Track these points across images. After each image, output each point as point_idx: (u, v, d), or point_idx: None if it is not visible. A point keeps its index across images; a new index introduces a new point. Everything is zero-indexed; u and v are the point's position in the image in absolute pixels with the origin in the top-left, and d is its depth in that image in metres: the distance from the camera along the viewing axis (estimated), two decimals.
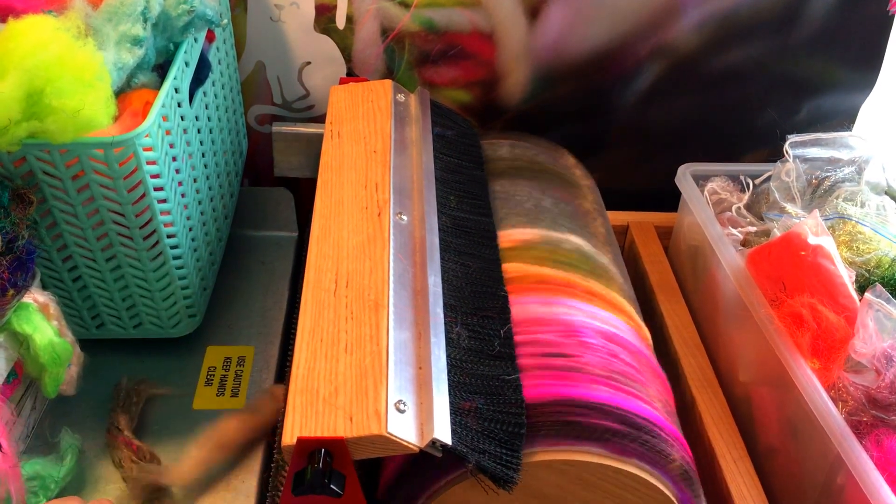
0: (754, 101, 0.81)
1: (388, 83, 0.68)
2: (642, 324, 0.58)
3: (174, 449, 0.56)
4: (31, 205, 0.51)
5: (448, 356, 0.46)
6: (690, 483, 0.47)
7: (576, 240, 0.59)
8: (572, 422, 0.45)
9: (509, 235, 0.58)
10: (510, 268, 0.55)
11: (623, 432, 0.45)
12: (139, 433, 0.58)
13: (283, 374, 0.63)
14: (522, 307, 0.52)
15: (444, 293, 0.50)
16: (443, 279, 0.51)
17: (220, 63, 0.68)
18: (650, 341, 0.57)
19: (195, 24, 0.58)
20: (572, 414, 0.45)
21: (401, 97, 0.67)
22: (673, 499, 0.46)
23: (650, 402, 0.49)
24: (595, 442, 0.45)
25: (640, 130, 0.83)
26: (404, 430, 0.41)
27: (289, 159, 0.70)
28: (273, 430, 0.57)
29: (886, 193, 0.69)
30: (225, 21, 0.68)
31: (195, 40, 0.61)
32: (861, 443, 0.49)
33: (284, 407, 0.43)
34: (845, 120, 0.82)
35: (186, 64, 0.59)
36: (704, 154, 0.82)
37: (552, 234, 0.59)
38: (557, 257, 0.56)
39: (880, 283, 0.56)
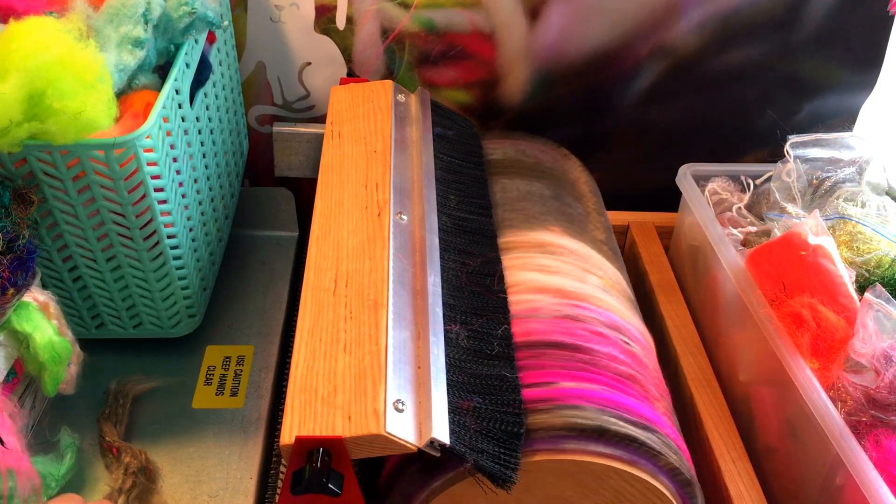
0: (754, 102, 0.81)
1: (389, 83, 0.68)
2: (641, 322, 0.58)
3: (172, 448, 0.56)
4: (31, 205, 0.51)
5: (447, 356, 0.46)
6: (689, 483, 0.47)
7: (574, 240, 0.59)
8: (572, 422, 0.45)
9: (507, 235, 0.58)
10: (508, 266, 0.55)
11: (622, 432, 0.45)
12: (137, 433, 0.58)
13: (282, 373, 0.63)
14: (520, 306, 0.52)
15: (443, 293, 0.50)
16: (442, 279, 0.51)
17: (220, 64, 0.69)
18: (649, 340, 0.57)
19: (196, 26, 0.58)
20: (572, 414, 0.45)
21: (401, 97, 0.67)
22: (672, 499, 0.46)
23: (651, 402, 0.49)
24: (594, 442, 0.45)
25: (641, 130, 0.83)
26: (403, 429, 0.41)
27: (289, 159, 0.70)
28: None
29: (887, 194, 0.69)
30: (226, 22, 0.68)
31: (196, 42, 0.61)
32: (860, 443, 0.49)
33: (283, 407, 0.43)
34: (845, 120, 0.82)
35: (187, 65, 0.59)
36: (705, 154, 0.82)
37: (551, 233, 0.59)
38: (555, 257, 0.57)
39: (880, 283, 0.56)
